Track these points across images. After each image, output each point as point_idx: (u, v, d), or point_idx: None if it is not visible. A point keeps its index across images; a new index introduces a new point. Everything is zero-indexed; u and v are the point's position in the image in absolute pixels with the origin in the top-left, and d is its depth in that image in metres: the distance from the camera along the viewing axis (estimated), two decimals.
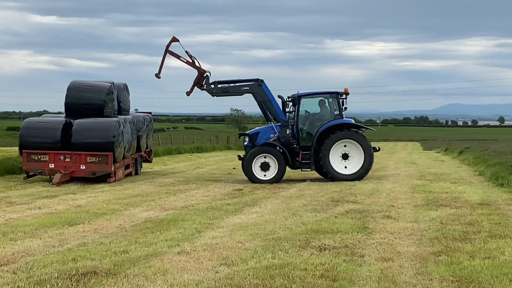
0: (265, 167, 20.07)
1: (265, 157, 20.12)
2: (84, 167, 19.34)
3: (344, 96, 20.82)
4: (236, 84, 20.79)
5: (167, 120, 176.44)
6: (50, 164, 19.30)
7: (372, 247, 9.46)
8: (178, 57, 20.43)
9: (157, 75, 20.65)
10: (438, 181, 19.93)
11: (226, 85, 20.71)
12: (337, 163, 20.41)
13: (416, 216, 12.63)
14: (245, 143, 20.99)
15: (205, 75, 20.35)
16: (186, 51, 20.56)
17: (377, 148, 21.43)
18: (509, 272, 7.66)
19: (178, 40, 20.55)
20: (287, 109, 20.99)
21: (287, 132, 20.57)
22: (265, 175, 20.05)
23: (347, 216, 12.44)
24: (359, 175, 20.45)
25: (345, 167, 20.50)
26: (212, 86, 20.46)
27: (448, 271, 7.77)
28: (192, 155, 39.71)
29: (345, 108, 20.88)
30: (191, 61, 20.56)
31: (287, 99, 21.06)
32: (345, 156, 20.52)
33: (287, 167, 20.59)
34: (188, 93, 20.67)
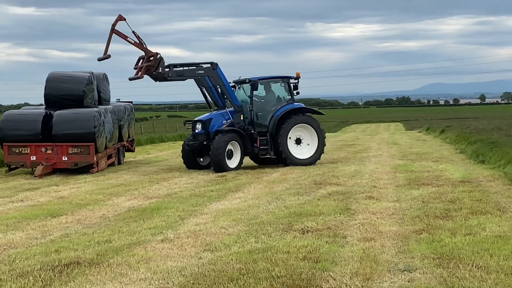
0: (229, 154, 19.37)
1: (230, 144, 19.34)
2: (66, 158, 19.22)
3: (296, 80, 20.52)
4: (191, 67, 19.94)
5: (149, 109, 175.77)
6: (31, 157, 19.17)
7: (355, 227, 9.52)
8: (125, 37, 19.11)
9: (102, 58, 18.88)
10: (420, 161, 20.09)
11: (181, 68, 19.81)
12: (293, 148, 20.12)
13: (398, 195, 12.73)
14: (197, 131, 19.81)
15: (158, 57, 19.11)
16: (133, 31, 19.15)
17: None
18: (490, 248, 7.76)
19: (125, 19, 19.12)
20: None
21: (241, 118, 19.99)
22: (230, 163, 19.34)
23: (330, 198, 12.51)
24: (314, 159, 20.27)
25: (301, 152, 20.23)
26: (167, 69, 19.41)
27: (430, 249, 7.85)
28: (175, 143, 39.58)
29: (297, 93, 20.60)
30: (138, 42, 19.13)
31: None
32: (298, 141, 20.25)
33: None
34: (134, 78, 19.17)
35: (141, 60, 19.38)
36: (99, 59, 18.87)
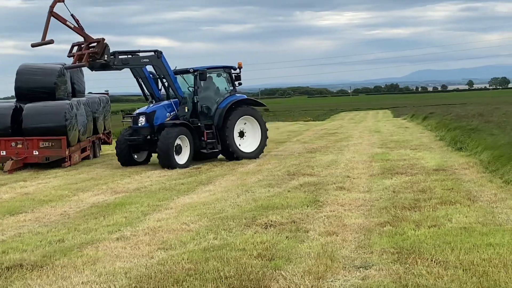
0: (178, 149, 17.87)
1: (178, 139, 17.88)
2: (37, 153, 18.76)
3: (238, 70, 19.55)
4: (136, 56, 18.60)
5: (138, 100, 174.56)
6: (1, 151, 18.71)
7: (319, 221, 9.21)
8: (64, 21, 17.37)
9: (39, 43, 17.07)
10: (399, 149, 19.79)
11: (126, 56, 18.34)
12: (238, 141, 19.21)
13: (370, 185, 12.44)
14: (141, 124, 18.25)
15: (104, 43, 17.40)
16: (71, 15, 17.49)
17: None
18: (452, 241, 7.45)
19: (63, 0, 17.42)
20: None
21: (186, 110, 18.55)
22: (178, 159, 17.82)
23: (300, 190, 12.19)
24: (258, 152, 19.44)
25: (245, 145, 19.34)
26: (112, 57, 17.58)
27: (390, 243, 7.54)
28: None
29: (240, 84, 19.62)
30: (78, 26, 17.48)
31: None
32: (241, 134, 19.35)
33: None
34: (76, 66, 18.03)
35: (77, 47, 17.95)
36: (34, 45, 17.38)
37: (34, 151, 18.75)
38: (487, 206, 9.65)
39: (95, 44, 17.53)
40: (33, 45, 17.42)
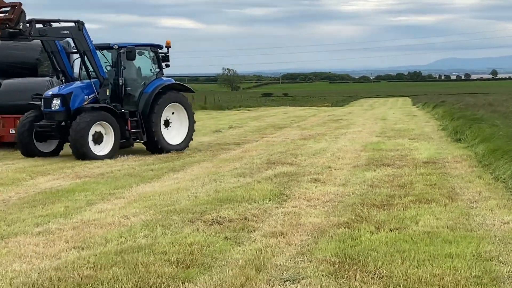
0: (98, 139, 15.42)
1: (98, 126, 15.49)
2: (13, 132, 17.83)
3: (165, 50, 17.40)
4: (55, 26, 16.20)
5: None
6: None
7: (273, 218, 8.16)
8: None
9: None
10: (397, 138, 18.63)
11: (43, 26, 15.88)
12: (164, 132, 16.69)
13: (348, 178, 11.34)
14: (55, 108, 15.60)
15: (20, 8, 14.93)
16: None
17: None
18: (408, 249, 6.35)
19: None
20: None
21: (107, 93, 16.08)
22: (99, 149, 15.46)
23: (271, 181, 11.12)
24: (185, 144, 17.14)
25: (171, 136, 16.99)
26: (28, 25, 15.10)
27: (337, 249, 6.43)
28: None
29: (167, 65, 17.38)
30: None
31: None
32: (167, 123, 17.00)
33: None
34: None
35: None
36: None
37: (10, 130, 17.84)
38: (465, 206, 8.53)
39: (8, 8, 15.21)
40: None
